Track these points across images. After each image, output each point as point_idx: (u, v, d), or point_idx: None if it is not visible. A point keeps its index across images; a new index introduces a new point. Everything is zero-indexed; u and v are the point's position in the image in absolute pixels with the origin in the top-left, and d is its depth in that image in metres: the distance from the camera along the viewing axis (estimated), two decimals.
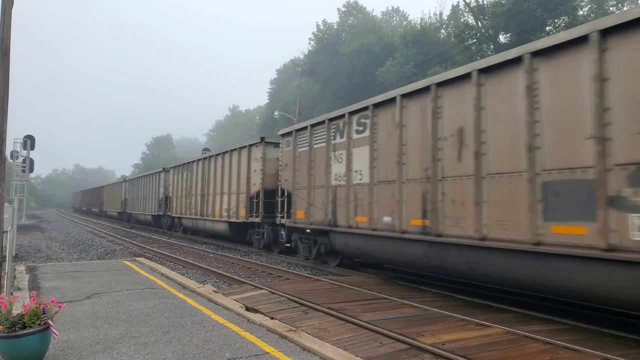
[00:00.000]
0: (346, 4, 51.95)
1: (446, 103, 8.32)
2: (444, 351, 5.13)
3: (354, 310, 7.14)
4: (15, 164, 23.89)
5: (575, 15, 28.25)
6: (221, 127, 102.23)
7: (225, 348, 4.94)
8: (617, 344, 5.69)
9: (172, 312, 6.51)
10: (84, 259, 14.34)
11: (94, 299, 7.33)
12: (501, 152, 7.19)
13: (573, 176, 6.15)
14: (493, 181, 7.29)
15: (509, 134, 7.05)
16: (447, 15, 43.87)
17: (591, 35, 5.97)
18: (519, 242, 6.75)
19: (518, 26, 28.97)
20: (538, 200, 6.54)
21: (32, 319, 4.28)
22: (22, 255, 14.53)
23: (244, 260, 14.46)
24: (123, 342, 5.08)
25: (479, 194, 7.46)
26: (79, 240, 21.29)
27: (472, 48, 31.95)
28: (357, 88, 41.87)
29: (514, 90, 7.00)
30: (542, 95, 6.61)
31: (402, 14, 60.25)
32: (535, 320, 6.82)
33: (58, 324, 5.53)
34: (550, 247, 6.32)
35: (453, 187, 8.03)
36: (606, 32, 5.87)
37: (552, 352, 5.26)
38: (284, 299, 7.93)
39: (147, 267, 11.14)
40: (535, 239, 6.51)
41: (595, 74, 5.92)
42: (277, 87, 71.73)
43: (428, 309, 7.32)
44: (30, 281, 8.95)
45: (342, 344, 5.37)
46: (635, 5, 29.00)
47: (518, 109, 6.90)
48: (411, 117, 9.14)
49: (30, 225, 31.94)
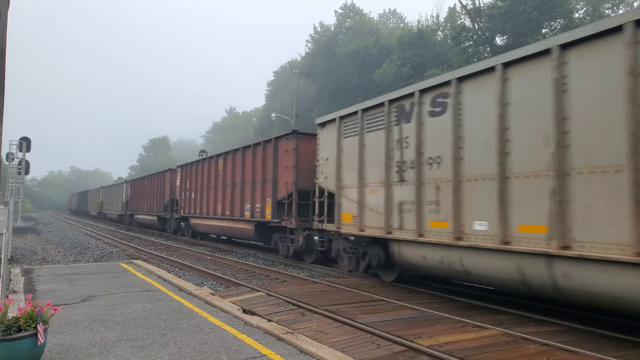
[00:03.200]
0: (343, 6, 52.00)
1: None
2: (442, 353, 5.13)
3: (351, 312, 7.14)
4: (11, 166, 23.81)
5: (571, 18, 28.39)
6: (218, 129, 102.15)
7: (222, 350, 4.92)
8: (613, 345, 5.70)
9: (168, 315, 6.49)
10: (80, 261, 14.28)
11: (90, 302, 7.30)
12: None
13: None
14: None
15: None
16: (443, 18, 44.01)
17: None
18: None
19: (514, 28, 29.09)
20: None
21: (28, 322, 4.26)
22: (17, 257, 14.45)
23: (241, 262, 14.43)
24: (119, 345, 5.06)
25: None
26: (75, 243, 21.21)
27: (468, 50, 32.04)
28: (354, 90, 41.90)
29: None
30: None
31: (399, 16, 60.39)
32: (532, 322, 6.83)
33: (54, 327, 5.51)
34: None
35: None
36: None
37: (549, 354, 5.27)
38: (281, 301, 7.92)
39: (143, 270, 11.11)
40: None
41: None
42: (274, 88, 71.77)
43: (425, 311, 7.32)
44: (26, 284, 8.90)
45: (339, 346, 5.36)
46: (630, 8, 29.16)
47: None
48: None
49: (26, 227, 31.79)
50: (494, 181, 7.25)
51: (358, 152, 10.45)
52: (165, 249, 19.47)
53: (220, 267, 13.67)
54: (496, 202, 7.16)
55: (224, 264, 14.38)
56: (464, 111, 7.95)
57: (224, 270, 12.91)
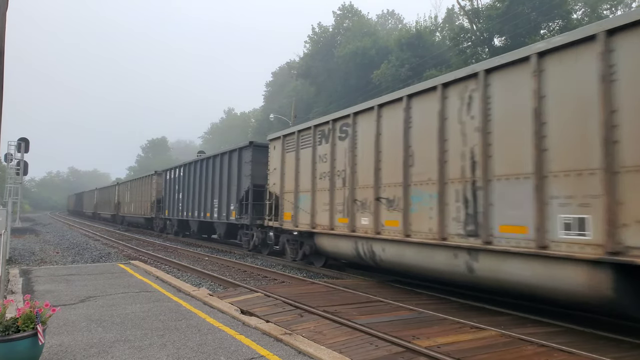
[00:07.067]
0: (342, 7, 52.05)
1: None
2: (440, 354, 5.14)
3: (349, 313, 7.14)
4: (10, 166, 23.75)
5: (569, 19, 28.45)
6: (216, 129, 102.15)
7: (220, 351, 4.92)
8: (611, 346, 5.72)
9: (167, 316, 6.49)
10: (78, 262, 14.25)
11: (88, 303, 7.29)
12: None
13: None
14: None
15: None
16: (442, 19, 44.13)
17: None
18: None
19: (513, 29, 29.13)
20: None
21: (26, 322, 4.25)
22: (15, 258, 14.41)
23: (239, 263, 14.42)
24: (117, 346, 5.05)
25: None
26: (73, 243, 21.17)
27: (467, 51, 32.08)
28: (352, 91, 41.93)
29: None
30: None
31: (397, 17, 60.49)
32: (530, 323, 6.84)
33: (52, 327, 5.51)
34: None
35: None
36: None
37: (547, 355, 5.28)
38: (279, 302, 7.92)
39: (141, 270, 11.10)
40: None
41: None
42: (272, 89, 71.82)
43: (423, 312, 7.33)
44: (24, 284, 8.89)
45: (337, 347, 5.36)
46: (629, 8, 29.23)
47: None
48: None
49: (24, 228, 31.73)
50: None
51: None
52: (163, 249, 19.45)
53: (218, 268, 13.66)
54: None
55: (222, 265, 14.37)
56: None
57: (222, 271, 12.90)
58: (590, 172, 5.91)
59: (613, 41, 5.81)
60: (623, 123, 5.62)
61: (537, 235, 6.45)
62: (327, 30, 52.25)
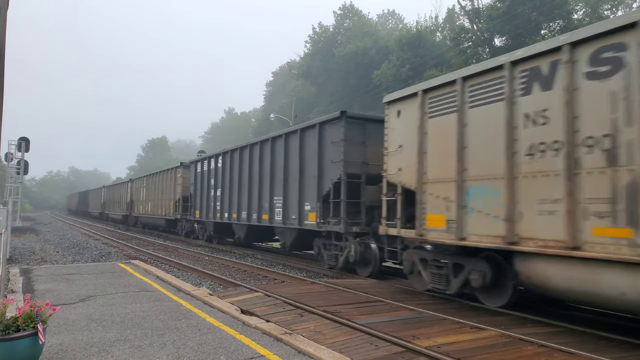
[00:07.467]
0: (342, 7, 52.10)
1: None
2: (440, 354, 5.13)
3: (349, 313, 7.13)
4: (10, 166, 23.79)
5: (570, 19, 28.46)
6: (217, 129, 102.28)
7: (220, 351, 4.92)
8: (612, 347, 5.71)
9: (167, 315, 6.49)
10: (78, 261, 14.27)
11: (88, 302, 7.30)
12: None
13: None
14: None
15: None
16: (442, 19, 44.14)
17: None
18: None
19: (513, 29, 29.14)
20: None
21: (26, 321, 4.25)
22: (16, 257, 14.43)
23: (239, 262, 14.43)
24: (117, 345, 5.06)
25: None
26: (73, 243, 21.19)
27: (467, 51, 32.09)
28: (353, 91, 41.99)
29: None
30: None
31: (397, 17, 60.54)
32: (530, 323, 6.83)
33: (52, 326, 5.51)
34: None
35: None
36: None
37: (547, 355, 5.28)
38: (279, 301, 7.92)
39: (142, 270, 11.10)
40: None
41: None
42: (273, 89, 71.93)
43: (423, 312, 7.32)
44: (25, 284, 8.90)
45: (337, 347, 5.36)
46: (630, 9, 29.22)
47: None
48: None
49: (24, 227, 31.74)
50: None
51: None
52: (163, 249, 19.47)
53: (218, 268, 13.67)
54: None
55: (222, 265, 14.37)
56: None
57: (222, 271, 12.91)
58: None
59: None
60: None
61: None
62: (327, 30, 52.31)
